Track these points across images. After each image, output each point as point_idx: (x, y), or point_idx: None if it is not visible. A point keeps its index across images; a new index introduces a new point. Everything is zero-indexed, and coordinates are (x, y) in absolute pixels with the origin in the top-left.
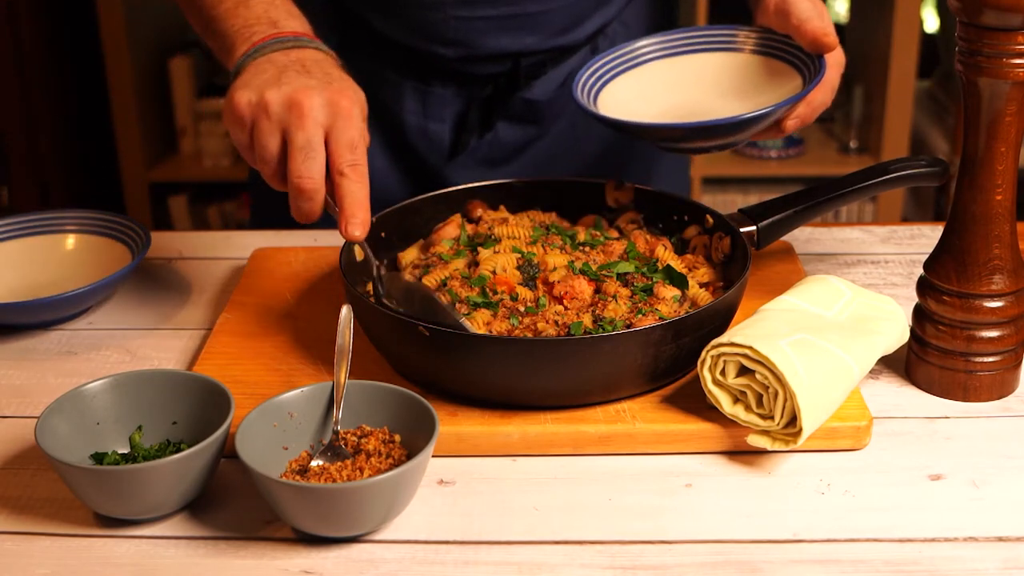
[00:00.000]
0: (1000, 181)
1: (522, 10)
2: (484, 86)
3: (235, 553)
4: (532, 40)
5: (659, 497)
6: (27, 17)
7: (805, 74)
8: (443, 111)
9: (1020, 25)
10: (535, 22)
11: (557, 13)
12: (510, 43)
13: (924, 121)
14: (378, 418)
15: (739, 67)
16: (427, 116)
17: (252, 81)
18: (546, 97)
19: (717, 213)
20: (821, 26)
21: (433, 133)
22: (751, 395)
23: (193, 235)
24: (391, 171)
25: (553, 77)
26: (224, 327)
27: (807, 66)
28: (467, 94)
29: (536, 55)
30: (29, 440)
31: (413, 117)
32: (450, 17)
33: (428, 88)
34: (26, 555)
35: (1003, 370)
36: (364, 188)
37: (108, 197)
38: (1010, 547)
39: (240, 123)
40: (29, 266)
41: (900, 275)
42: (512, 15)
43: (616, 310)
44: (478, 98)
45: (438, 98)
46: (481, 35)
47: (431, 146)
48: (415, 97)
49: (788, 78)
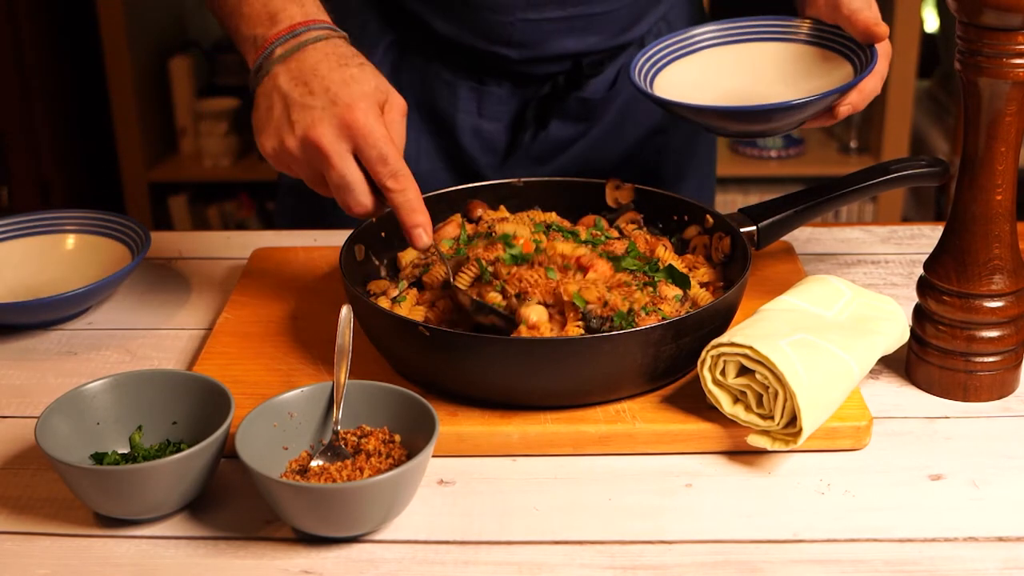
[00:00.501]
0: (1000, 181)
1: (589, 10)
2: (542, 85)
3: (235, 553)
4: (595, 40)
5: (659, 497)
6: (27, 17)
7: (855, 62)
8: (499, 110)
9: (1020, 25)
10: (600, 22)
11: (621, 12)
12: (574, 44)
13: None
14: (378, 418)
15: (791, 56)
16: (482, 115)
17: (267, 124)
18: (599, 95)
19: (717, 213)
20: (872, 16)
21: (488, 133)
22: (751, 395)
23: (193, 235)
24: (440, 173)
25: (607, 75)
26: (224, 327)
27: (857, 55)
28: (523, 94)
29: (597, 54)
30: (29, 440)
31: (467, 117)
32: (517, 20)
33: (484, 88)
34: (26, 555)
35: (1003, 370)
36: (410, 192)
37: (108, 197)
38: (1010, 547)
39: (282, 166)
40: (29, 266)
41: (900, 275)
42: (578, 16)
43: (641, 299)
44: (535, 97)
45: (495, 98)
46: (547, 36)
47: (484, 146)
48: (470, 96)
49: (838, 66)
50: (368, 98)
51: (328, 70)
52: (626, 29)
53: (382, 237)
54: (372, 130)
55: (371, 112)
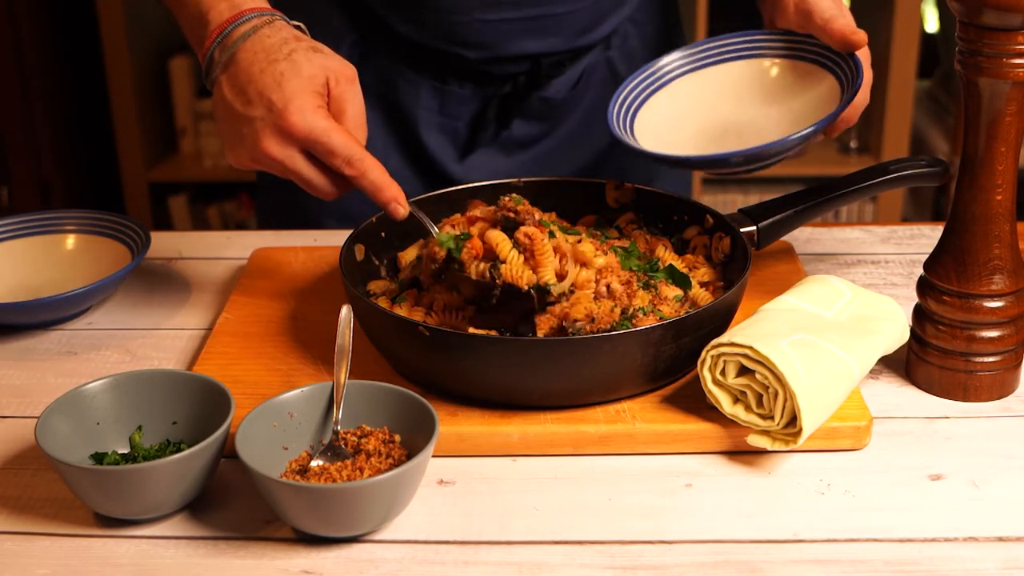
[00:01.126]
0: (1000, 181)
1: (546, 11)
2: (503, 85)
3: (235, 553)
4: (555, 41)
5: (659, 497)
6: (27, 17)
7: (837, 73)
8: (460, 109)
9: (1020, 25)
10: (559, 23)
11: (581, 14)
12: (534, 45)
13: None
14: (378, 418)
15: (768, 73)
16: (443, 114)
17: (227, 138)
18: (562, 95)
19: (717, 213)
20: (848, 23)
21: (449, 131)
22: (751, 395)
23: (193, 235)
24: (403, 169)
25: (570, 75)
26: (224, 327)
27: (839, 65)
28: (485, 93)
29: (556, 55)
30: (29, 440)
31: (430, 115)
32: (475, 20)
33: (446, 87)
34: (26, 555)
35: (1003, 370)
36: (371, 174)
37: (108, 197)
38: (1010, 547)
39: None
40: (29, 266)
41: (900, 275)
42: (536, 16)
43: (643, 298)
44: (495, 97)
45: (456, 97)
46: (505, 37)
47: (446, 143)
48: (432, 95)
49: (818, 78)
50: (302, 93)
51: (259, 72)
52: (587, 30)
53: (382, 237)
54: (311, 129)
55: (307, 109)
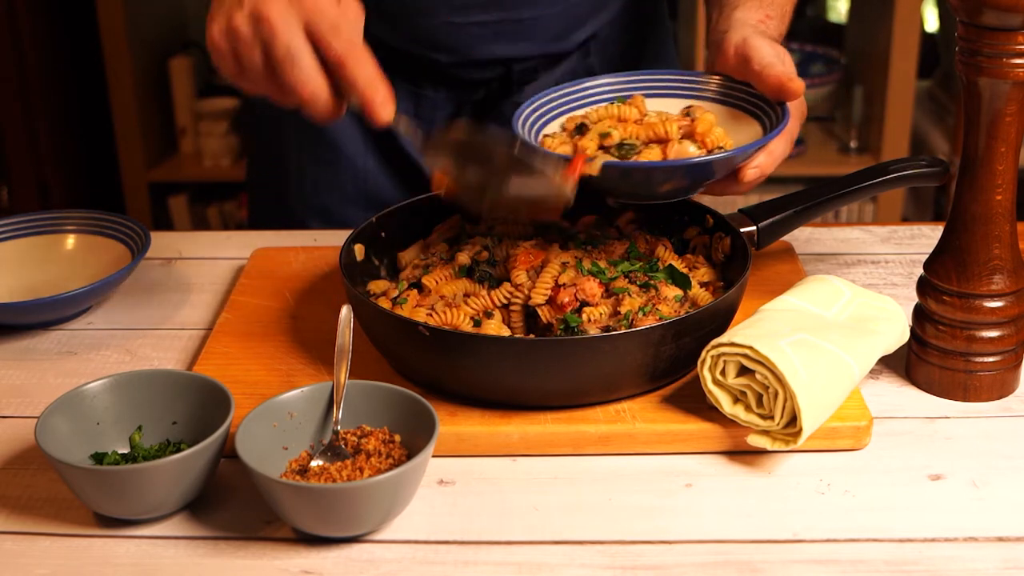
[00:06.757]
0: (1000, 181)
1: (515, 16)
2: (476, 90)
3: (235, 553)
4: (525, 46)
5: (659, 497)
6: (27, 17)
7: (764, 122)
8: (435, 114)
9: (1020, 25)
10: (528, 29)
11: (550, 20)
12: (503, 49)
13: (924, 121)
14: (378, 418)
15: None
16: (419, 118)
17: (220, 8)
18: None
19: (717, 213)
20: (784, 71)
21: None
22: (751, 395)
23: (193, 235)
24: (382, 170)
25: (544, 82)
26: (224, 327)
27: (767, 114)
28: (459, 98)
29: (529, 61)
30: (29, 440)
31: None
32: (444, 23)
33: (420, 91)
34: (26, 555)
35: (1003, 370)
36: (368, 65)
37: (108, 197)
38: (1010, 547)
39: (222, 55)
40: (29, 266)
41: (900, 275)
42: (505, 21)
43: (632, 303)
44: (470, 102)
45: (430, 101)
46: (475, 41)
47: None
48: (407, 99)
49: (745, 125)
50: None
51: None
52: (560, 37)
53: (382, 237)
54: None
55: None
